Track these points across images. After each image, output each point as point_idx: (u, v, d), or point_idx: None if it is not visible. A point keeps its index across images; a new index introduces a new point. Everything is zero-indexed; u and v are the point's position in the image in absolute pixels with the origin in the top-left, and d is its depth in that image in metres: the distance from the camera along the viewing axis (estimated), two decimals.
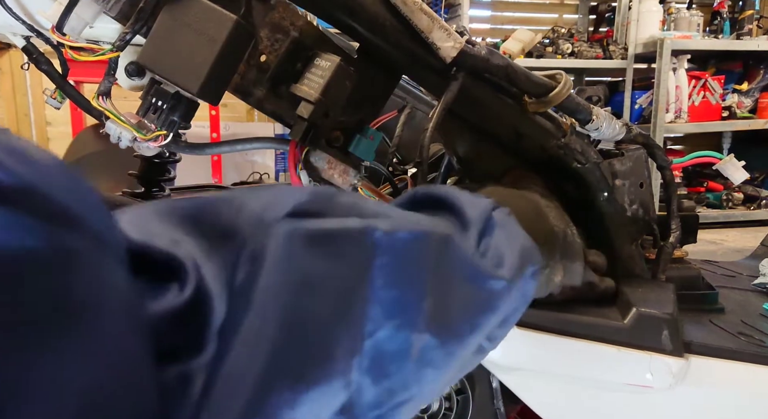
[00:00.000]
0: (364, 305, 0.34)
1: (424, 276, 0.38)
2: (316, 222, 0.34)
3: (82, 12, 0.54)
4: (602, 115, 0.75)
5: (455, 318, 0.41)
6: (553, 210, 0.67)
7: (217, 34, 0.55)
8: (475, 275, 0.43)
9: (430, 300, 0.38)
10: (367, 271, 0.35)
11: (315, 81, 0.62)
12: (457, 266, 0.42)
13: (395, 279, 0.36)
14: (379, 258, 0.36)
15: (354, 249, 0.35)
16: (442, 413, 0.82)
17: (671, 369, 0.67)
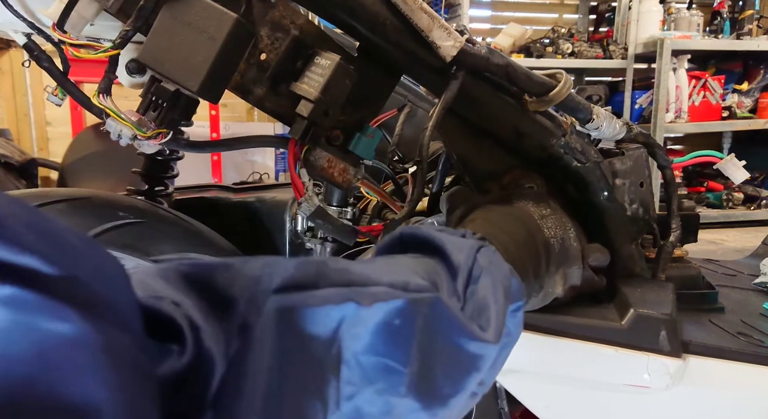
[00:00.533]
0: (340, 370, 0.37)
1: (408, 341, 0.40)
2: (300, 298, 0.37)
3: (83, 10, 0.54)
4: (602, 114, 0.75)
5: (439, 382, 0.42)
6: (550, 218, 0.68)
7: (218, 33, 0.55)
8: (460, 337, 0.44)
9: (414, 365, 0.40)
10: (341, 341, 0.37)
11: (315, 79, 0.62)
12: (443, 328, 0.43)
13: (376, 346, 0.38)
14: (356, 328, 0.38)
15: (328, 323, 0.37)
16: None
17: (668, 370, 0.67)
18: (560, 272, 0.67)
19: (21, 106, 3.70)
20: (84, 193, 0.87)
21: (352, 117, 0.68)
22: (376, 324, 0.39)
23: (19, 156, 2.69)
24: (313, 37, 0.64)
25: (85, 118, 3.06)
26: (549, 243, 0.66)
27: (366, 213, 0.89)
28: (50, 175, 3.19)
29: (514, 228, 0.65)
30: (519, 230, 0.65)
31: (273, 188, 1.28)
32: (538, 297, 0.66)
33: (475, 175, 0.80)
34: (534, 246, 0.64)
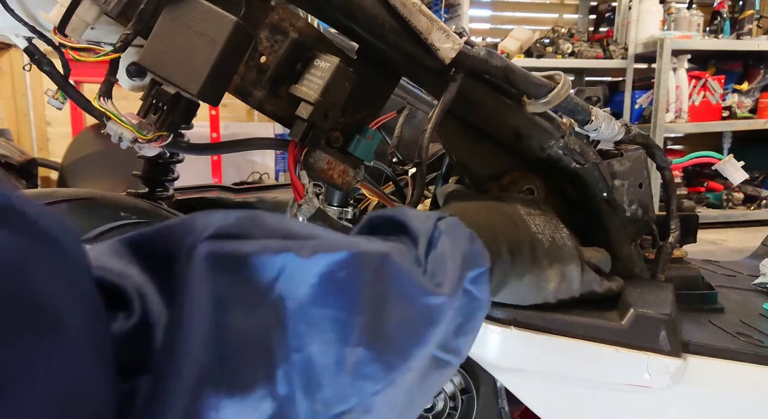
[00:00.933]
0: (284, 322, 0.37)
1: (355, 293, 0.40)
2: (232, 244, 0.36)
3: (84, 13, 0.54)
4: (601, 116, 0.75)
5: (392, 333, 0.42)
6: (538, 217, 0.68)
7: (217, 36, 0.55)
8: (413, 291, 0.44)
9: (365, 316, 0.40)
10: (281, 292, 0.37)
11: (314, 82, 0.62)
12: (393, 283, 0.43)
13: (322, 297, 0.38)
14: (297, 279, 0.38)
15: (266, 272, 0.37)
16: (447, 412, 0.82)
17: (669, 370, 0.68)
18: (555, 268, 0.66)
19: (21, 106, 3.70)
20: (87, 193, 0.88)
21: (351, 119, 0.68)
22: (319, 275, 0.38)
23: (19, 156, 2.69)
24: (312, 40, 0.65)
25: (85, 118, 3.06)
26: (535, 237, 0.66)
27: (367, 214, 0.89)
28: (50, 175, 3.19)
29: (494, 218, 0.65)
30: (499, 219, 0.65)
31: (274, 189, 1.28)
32: (522, 285, 0.65)
33: (475, 177, 0.80)
34: (515, 234, 0.64)
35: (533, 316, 0.69)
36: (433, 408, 0.82)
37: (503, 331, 0.67)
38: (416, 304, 0.44)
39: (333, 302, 0.39)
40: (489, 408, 0.84)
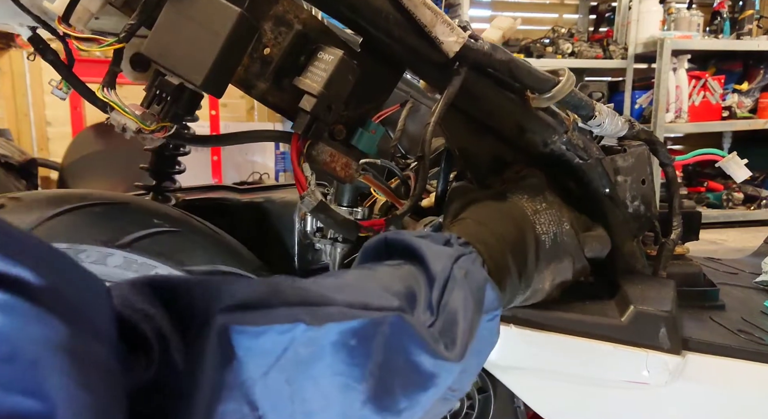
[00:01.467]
0: (291, 389, 0.39)
1: (364, 360, 0.42)
2: (246, 318, 0.38)
3: (88, 3, 0.54)
4: (605, 111, 0.75)
5: (397, 397, 0.44)
6: (544, 213, 0.68)
7: (221, 27, 0.55)
8: (420, 354, 0.46)
9: (371, 381, 0.42)
10: (290, 360, 0.39)
11: (318, 74, 0.62)
12: (404, 346, 0.45)
13: (332, 366, 0.40)
14: (309, 348, 0.40)
15: (277, 342, 0.39)
16: (465, 412, 0.82)
17: (668, 366, 0.68)
18: (550, 267, 0.67)
19: (21, 106, 3.70)
20: (122, 198, 0.89)
21: (354, 112, 0.68)
22: (331, 344, 0.40)
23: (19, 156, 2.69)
24: (316, 32, 0.64)
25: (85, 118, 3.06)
26: (540, 239, 0.66)
27: (376, 213, 0.89)
28: (50, 175, 3.19)
29: (502, 228, 0.65)
30: (508, 229, 0.65)
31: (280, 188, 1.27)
32: (525, 295, 0.67)
33: (477, 171, 0.80)
34: (522, 246, 0.65)
35: (533, 314, 0.69)
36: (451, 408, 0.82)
37: (503, 329, 0.67)
38: (420, 369, 0.45)
39: (342, 369, 0.41)
40: (505, 407, 0.84)
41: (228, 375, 0.36)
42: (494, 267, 0.60)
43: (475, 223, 0.66)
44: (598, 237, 0.71)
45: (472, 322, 0.50)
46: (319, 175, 0.68)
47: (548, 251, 0.67)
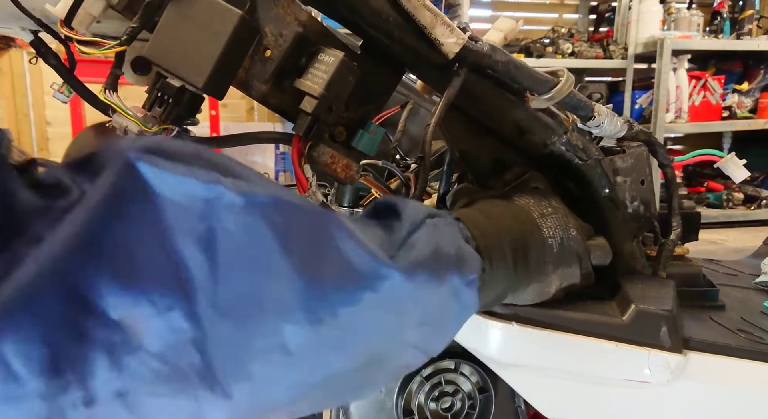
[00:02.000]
0: (203, 248, 0.35)
1: (284, 237, 0.38)
2: (159, 162, 0.34)
3: (90, 6, 0.54)
4: (604, 112, 0.76)
5: (325, 287, 0.41)
6: (550, 218, 0.68)
7: (222, 29, 0.55)
8: (352, 247, 0.43)
9: (293, 259, 0.39)
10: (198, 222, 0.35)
11: (319, 76, 0.62)
12: (332, 241, 0.42)
13: (243, 236, 0.37)
14: (222, 215, 0.36)
15: (189, 197, 0.35)
16: (465, 412, 0.82)
17: (669, 365, 0.68)
18: (558, 272, 0.67)
19: (21, 106, 3.71)
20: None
21: (355, 113, 0.69)
22: (247, 214, 0.37)
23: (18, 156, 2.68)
24: (316, 34, 0.65)
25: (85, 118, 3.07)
26: (546, 243, 0.67)
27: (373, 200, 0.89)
28: None
29: (505, 221, 0.65)
30: (511, 224, 0.65)
31: None
32: (527, 292, 0.67)
33: (478, 172, 0.81)
34: (525, 242, 0.65)
35: (534, 312, 0.69)
36: (451, 408, 0.82)
37: (504, 327, 0.68)
38: (353, 262, 0.43)
39: (258, 242, 0.37)
40: (506, 407, 0.84)
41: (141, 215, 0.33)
42: (483, 246, 0.59)
43: (477, 212, 0.66)
44: (601, 246, 0.71)
45: (434, 257, 0.49)
46: (320, 175, 0.68)
47: (556, 255, 0.67)
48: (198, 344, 0.35)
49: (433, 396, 0.80)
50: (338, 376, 0.45)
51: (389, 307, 0.46)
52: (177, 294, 0.34)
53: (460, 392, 0.82)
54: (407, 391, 0.80)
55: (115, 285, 0.32)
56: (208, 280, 0.35)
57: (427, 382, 0.80)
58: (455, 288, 0.52)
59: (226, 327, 0.36)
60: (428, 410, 0.80)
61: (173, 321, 0.34)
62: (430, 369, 0.81)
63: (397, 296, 0.46)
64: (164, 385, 0.35)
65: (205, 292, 0.35)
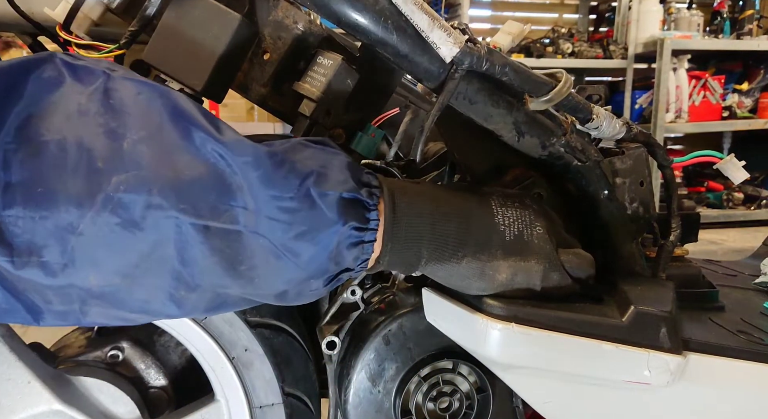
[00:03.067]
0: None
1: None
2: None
3: (89, 10, 0.55)
4: (602, 114, 0.75)
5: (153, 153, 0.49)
6: (512, 209, 0.68)
7: (222, 33, 0.56)
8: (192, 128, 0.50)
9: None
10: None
11: (317, 79, 0.62)
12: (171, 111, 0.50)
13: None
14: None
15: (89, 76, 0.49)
16: (464, 412, 0.82)
17: (669, 366, 0.68)
18: (509, 260, 0.66)
19: None
20: None
21: (354, 116, 0.69)
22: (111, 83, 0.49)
23: None
24: (315, 37, 0.65)
25: None
26: (496, 228, 0.66)
27: None
28: None
29: (446, 195, 0.66)
30: (448, 196, 0.65)
31: None
32: (462, 265, 0.65)
33: (476, 174, 0.81)
34: (459, 212, 0.65)
35: (534, 313, 0.69)
36: (449, 408, 0.82)
37: (504, 328, 0.67)
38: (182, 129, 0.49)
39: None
40: (504, 407, 0.84)
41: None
42: (387, 189, 0.61)
43: (406, 181, 0.67)
44: (575, 253, 0.70)
45: (290, 157, 0.54)
46: None
47: (508, 243, 0.66)
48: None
49: (431, 396, 0.80)
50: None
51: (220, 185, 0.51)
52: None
53: (458, 392, 0.82)
54: (405, 391, 0.80)
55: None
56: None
57: (425, 382, 0.80)
58: (307, 191, 0.54)
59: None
60: (426, 410, 0.80)
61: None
62: (428, 369, 0.81)
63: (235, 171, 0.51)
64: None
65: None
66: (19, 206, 0.45)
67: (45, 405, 0.74)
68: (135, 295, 0.51)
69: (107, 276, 0.49)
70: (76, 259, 0.48)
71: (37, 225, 0.46)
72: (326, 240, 0.55)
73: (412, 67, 0.70)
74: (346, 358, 0.81)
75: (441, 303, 0.72)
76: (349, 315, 0.81)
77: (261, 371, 0.83)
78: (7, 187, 0.45)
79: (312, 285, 0.58)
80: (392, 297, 0.85)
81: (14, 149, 0.45)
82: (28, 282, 0.48)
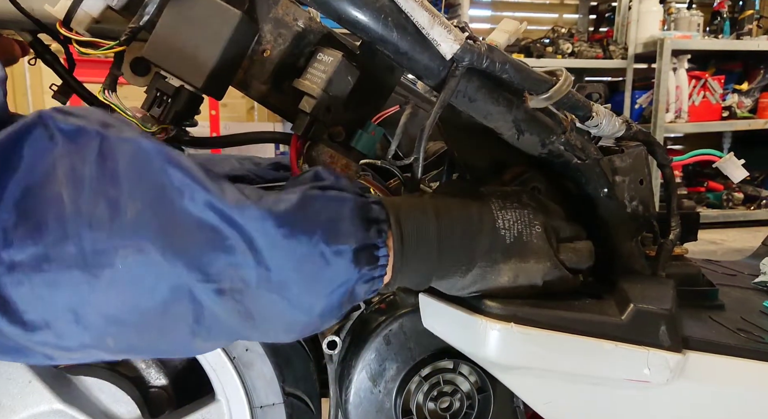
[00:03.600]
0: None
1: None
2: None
3: (89, 7, 0.55)
4: (602, 112, 0.75)
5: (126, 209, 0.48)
6: (512, 211, 0.68)
7: (222, 30, 0.56)
8: (171, 168, 0.49)
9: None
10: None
11: (317, 76, 0.62)
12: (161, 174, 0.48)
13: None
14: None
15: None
16: (464, 412, 0.82)
17: (669, 364, 0.68)
18: (510, 263, 0.66)
19: (21, 106, 3.71)
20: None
21: (354, 113, 0.69)
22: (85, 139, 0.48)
23: None
24: (315, 34, 0.65)
25: None
26: (498, 233, 0.66)
27: None
28: None
29: (445, 202, 0.65)
30: (462, 216, 0.65)
31: None
32: (467, 278, 0.66)
33: (476, 172, 0.81)
34: (462, 224, 0.65)
35: (533, 312, 0.69)
36: (450, 408, 0.82)
37: (503, 328, 0.67)
38: (171, 180, 0.49)
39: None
40: (504, 407, 0.84)
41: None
42: (394, 220, 0.60)
43: (407, 197, 0.67)
44: (573, 249, 0.70)
45: (298, 212, 0.53)
46: None
47: (508, 247, 0.66)
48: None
49: (432, 396, 0.80)
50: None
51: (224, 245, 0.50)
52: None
53: (458, 392, 0.82)
54: (406, 391, 0.79)
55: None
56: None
57: (425, 382, 0.80)
58: (321, 251, 0.54)
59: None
60: (427, 410, 0.80)
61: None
62: (429, 369, 0.81)
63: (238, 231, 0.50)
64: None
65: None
66: (27, 285, 0.45)
67: (46, 405, 0.74)
68: (152, 349, 0.53)
69: (124, 338, 0.50)
70: (90, 329, 0.48)
71: (47, 302, 0.46)
72: (341, 290, 0.56)
73: (413, 64, 0.70)
74: (346, 358, 0.81)
75: (438, 308, 0.71)
76: (350, 314, 0.81)
77: (262, 371, 0.83)
78: (11, 266, 0.44)
79: (326, 325, 0.59)
80: (393, 297, 0.85)
81: (14, 225, 0.44)
82: (45, 345, 0.48)
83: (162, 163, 0.48)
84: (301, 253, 0.52)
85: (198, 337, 0.52)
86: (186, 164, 0.49)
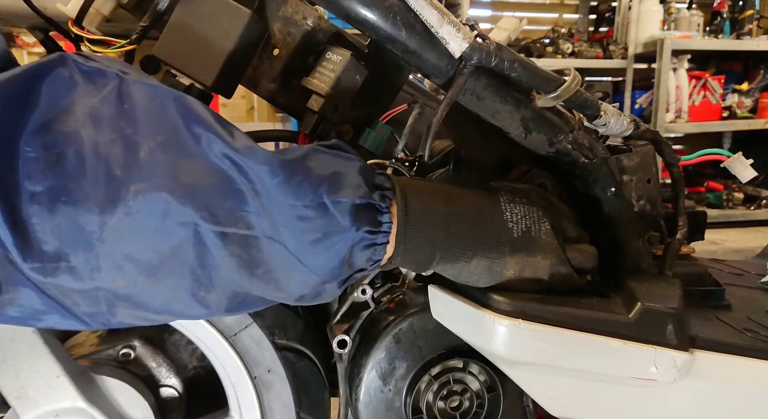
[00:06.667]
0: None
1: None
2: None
3: (100, 6, 0.55)
4: (610, 111, 0.75)
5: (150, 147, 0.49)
6: (520, 206, 0.68)
7: (232, 28, 0.56)
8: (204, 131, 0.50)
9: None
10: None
11: (326, 74, 0.62)
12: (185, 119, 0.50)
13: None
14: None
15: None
16: (474, 411, 0.82)
17: (676, 363, 0.68)
18: (517, 257, 0.67)
19: None
20: None
21: (362, 112, 0.69)
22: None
23: None
24: (324, 33, 0.65)
25: None
26: (506, 226, 0.66)
27: None
28: None
29: (456, 192, 0.66)
30: (459, 194, 0.66)
31: None
32: (471, 264, 0.66)
33: (483, 171, 0.81)
34: (470, 211, 0.65)
35: (541, 309, 0.69)
36: (460, 407, 0.82)
37: (511, 324, 0.67)
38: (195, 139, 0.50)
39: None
40: (514, 406, 0.84)
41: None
42: (400, 191, 0.61)
43: (418, 180, 0.67)
44: (579, 250, 0.71)
45: (302, 165, 0.54)
46: None
47: (516, 240, 0.67)
48: None
49: (442, 395, 0.80)
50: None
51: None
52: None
53: (468, 391, 0.82)
54: (416, 390, 0.80)
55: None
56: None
57: (435, 381, 0.80)
58: (322, 201, 0.55)
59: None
60: (437, 409, 0.80)
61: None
62: (439, 368, 0.81)
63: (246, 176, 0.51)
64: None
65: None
66: (46, 215, 0.46)
67: (69, 402, 0.73)
68: (158, 296, 0.53)
69: (132, 277, 0.50)
70: (101, 264, 0.49)
71: (63, 233, 0.47)
72: (339, 246, 0.56)
73: (421, 63, 0.70)
74: (356, 357, 0.81)
75: (447, 301, 0.72)
76: (360, 314, 0.81)
77: (280, 394, 0.83)
78: (32, 196, 0.46)
79: (327, 288, 0.59)
80: (402, 296, 0.85)
81: (35, 158, 0.46)
82: (58, 287, 0.49)
83: (176, 106, 0.49)
84: (302, 201, 0.54)
85: (201, 288, 0.53)
86: (198, 109, 0.50)
